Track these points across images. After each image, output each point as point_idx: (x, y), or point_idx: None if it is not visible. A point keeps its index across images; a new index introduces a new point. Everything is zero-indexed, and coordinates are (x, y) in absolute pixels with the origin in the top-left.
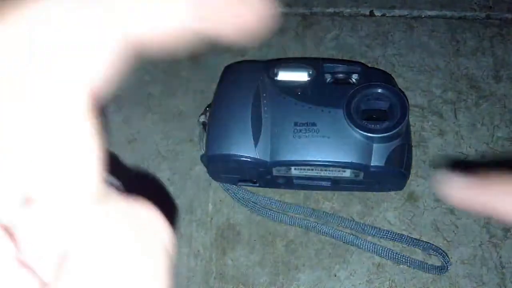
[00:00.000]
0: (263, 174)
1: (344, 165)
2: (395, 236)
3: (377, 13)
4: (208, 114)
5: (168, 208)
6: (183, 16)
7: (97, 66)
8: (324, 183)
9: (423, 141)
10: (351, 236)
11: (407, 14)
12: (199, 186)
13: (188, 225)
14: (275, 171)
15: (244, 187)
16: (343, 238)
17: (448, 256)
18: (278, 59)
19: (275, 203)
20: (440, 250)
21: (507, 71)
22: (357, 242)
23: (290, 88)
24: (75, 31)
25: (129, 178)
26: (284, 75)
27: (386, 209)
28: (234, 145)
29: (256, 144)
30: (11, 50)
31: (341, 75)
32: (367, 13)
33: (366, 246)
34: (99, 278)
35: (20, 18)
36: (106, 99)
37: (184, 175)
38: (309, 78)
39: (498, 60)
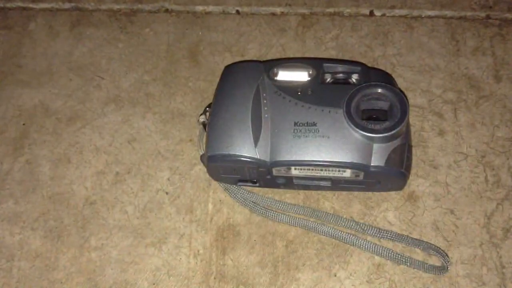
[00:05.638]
0: (263, 174)
1: (344, 165)
2: (395, 236)
3: (377, 13)
4: (208, 114)
5: None
6: None
7: None
8: (324, 183)
9: (423, 141)
10: (351, 236)
11: (407, 14)
12: (199, 186)
13: (188, 225)
14: (275, 171)
15: (244, 187)
16: (343, 238)
17: (448, 256)
18: (278, 59)
19: (275, 203)
20: (440, 250)
21: (507, 71)
22: (357, 242)
23: (290, 88)
24: None
25: None
26: (284, 75)
27: (386, 209)
28: (234, 145)
29: (256, 144)
30: None
31: (341, 75)
32: (367, 13)
33: (366, 246)
34: None
35: None
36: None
37: (184, 175)
38: (309, 78)
39: (498, 60)
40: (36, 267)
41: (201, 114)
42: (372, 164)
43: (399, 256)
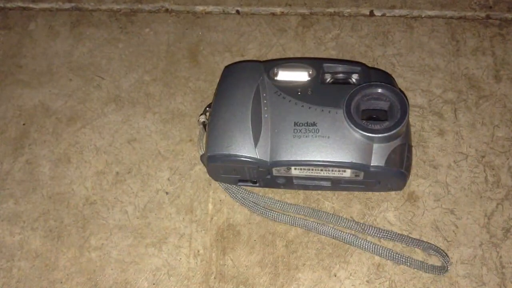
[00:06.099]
0: (263, 174)
1: (344, 165)
2: (395, 236)
3: (377, 13)
4: (208, 114)
5: None
6: None
7: None
8: (324, 183)
9: (423, 141)
10: (351, 236)
11: (407, 14)
12: (199, 186)
13: (188, 225)
14: (275, 171)
15: (244, 187)
16: (343, 238)
17: (448, 256)
18: (278, 59)
19: (275, 203)
20: (440, 250)
21: (507, 71)
22: (357, 242)
23: (290, 88)
24: None
25: None
26: (284, 75)
27: (386, 209)
28: (234, 145)
29: (256, 144)
30: None
31: (341, 75)
32: (367, 13)
33: (366, 246)
34: None
35: None
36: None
37: (184, 175)
38: (309, 78)
39: (498, 60)
40: (36, 267)
41: (201, 114)
42: (372, 164)
43: (399, 256)
